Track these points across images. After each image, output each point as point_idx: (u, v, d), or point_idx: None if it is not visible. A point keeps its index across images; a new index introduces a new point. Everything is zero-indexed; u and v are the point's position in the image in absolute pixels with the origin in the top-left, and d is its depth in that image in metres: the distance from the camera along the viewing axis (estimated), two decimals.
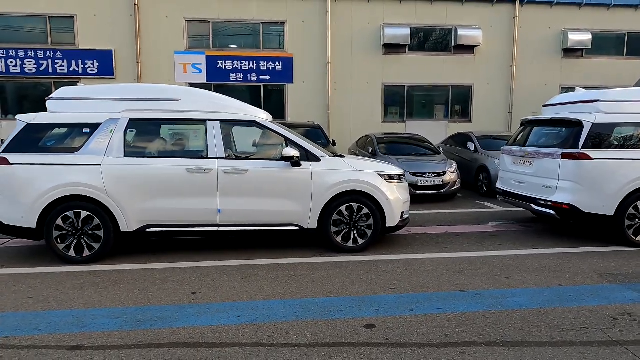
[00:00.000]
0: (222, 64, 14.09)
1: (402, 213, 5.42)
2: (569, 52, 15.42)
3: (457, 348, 2.97)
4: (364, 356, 2.86)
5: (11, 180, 4.72)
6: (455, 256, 5.14)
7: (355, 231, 5.23)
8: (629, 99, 5.74)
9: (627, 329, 3.26)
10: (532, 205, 6.09)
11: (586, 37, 15.10)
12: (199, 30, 14.18)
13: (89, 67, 13.57)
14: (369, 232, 5.24)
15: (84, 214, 4.77)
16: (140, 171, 4.87)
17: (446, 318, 3.43)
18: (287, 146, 5.14)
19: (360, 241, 5.25)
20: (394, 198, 5.27)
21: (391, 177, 5.38)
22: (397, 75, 14.97)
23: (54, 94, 5.13)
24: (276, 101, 14.67)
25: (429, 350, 2.94)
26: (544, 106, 6.98)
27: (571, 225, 6.62)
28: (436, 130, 14.93)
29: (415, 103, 15.49)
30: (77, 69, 13.53)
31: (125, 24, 13.67)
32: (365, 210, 5.21)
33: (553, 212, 5.77)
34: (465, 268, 4.69)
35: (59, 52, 13.43)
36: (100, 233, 4.81)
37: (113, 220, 4.83)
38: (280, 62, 14.34)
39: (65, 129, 4.99)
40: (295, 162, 5.05)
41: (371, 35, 14.69)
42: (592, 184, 5.48)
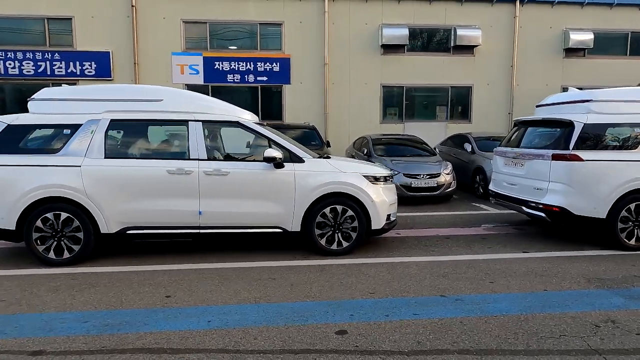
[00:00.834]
0: (219, 65, 14.04)
1: (389, 215, 5.32)
2: (571, 52, 15.22)
3: (428, 356, 2.86)
4: None
5: None
6: (441, 260, 5.02)
7: (339, 234, 5.14)
8: (621, 99, 5.61)
9: (608, 337, 3.13)
10: (524, 208, 5.97)
11: (588, 36, 14.89)
12: (196, 32, 14.15)
13: (87, 68, 13.59)
14: (354, 234, 5.15)
15: (63, 215, 4.73)
16: (120, 172, 4.82)
17: (422, 324, 3.33)
18: (270, 147, 5.07)
19: (345, 244, 5.15)
20: (379, 200, 5.17)
21: (377, 178, 5.28)
22: (395, 76, 14.84)
23: (35, 95, 5.09)
24: (274, 102, 14.58)
25: (398, 358, 2.83)
26: (537, 106, 6.85)
27: (564, 228, 6.48)
28: (435, 131, 14.78)
29: (414, 104, 15.35)
30: (74, 71, 13.56)
31: (123, 26, 13.69)
32: (350, 212, 5.11)
33: (544, 214, 5.64)
34: (449, 272, 4.57)
35: (56, 54, 13.47)
36: (80, 235, 4.77)
37: (93, 222, 4.78)
38: (278, 63, 14.26)
39: (46, 130, 4.95)
40: (278, 164, 4.97)
41: (369, 35, 14.58)
42: (584, 186, 5.34)
